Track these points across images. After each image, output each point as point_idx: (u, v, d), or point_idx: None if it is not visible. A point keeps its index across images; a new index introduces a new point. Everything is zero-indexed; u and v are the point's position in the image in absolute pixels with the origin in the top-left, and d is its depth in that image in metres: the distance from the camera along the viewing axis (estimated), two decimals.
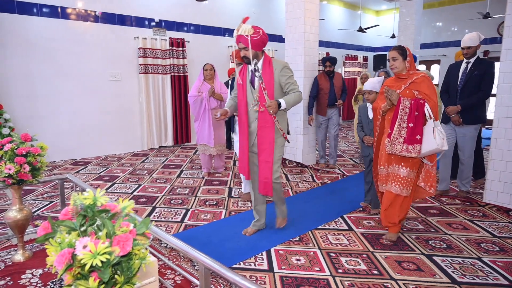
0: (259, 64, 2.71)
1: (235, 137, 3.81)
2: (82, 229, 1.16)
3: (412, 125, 2.62)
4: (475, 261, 2.57)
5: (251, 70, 2.75)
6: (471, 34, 3.62)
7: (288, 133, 2.91)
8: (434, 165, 2.74)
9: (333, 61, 5.12)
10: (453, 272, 2.42)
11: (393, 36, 10.57)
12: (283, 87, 2.73)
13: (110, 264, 1.08)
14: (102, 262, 1.04)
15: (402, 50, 2.73)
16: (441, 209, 3.58)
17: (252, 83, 2.78)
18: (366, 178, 3.57)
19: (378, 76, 5.01)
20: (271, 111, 2.61)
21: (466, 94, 3.66)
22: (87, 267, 1.03)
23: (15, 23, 5.27)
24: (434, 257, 2.62)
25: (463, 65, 3.74)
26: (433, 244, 2.83)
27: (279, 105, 2.61)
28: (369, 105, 3.39)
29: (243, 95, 2.80)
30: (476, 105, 3.65)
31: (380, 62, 11.09)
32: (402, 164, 2.74)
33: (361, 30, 10.12)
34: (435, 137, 2.56)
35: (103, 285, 1.09)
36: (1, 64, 5.19)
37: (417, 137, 2.61)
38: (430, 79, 2.71)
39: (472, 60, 3.67)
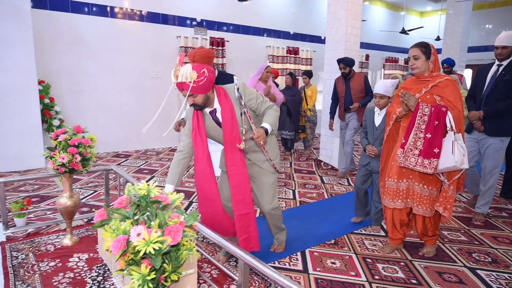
0: (216, 102, 2.26)
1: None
2: (135, 218, 1.23)
3: (430, 136, 2.31)
4: None
5: (209, 112, 2.31)
6: (508, 32, 3.11)
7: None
8: (451, 185, 2.42)
9: (346, 62, 4.62)
10: (498, 287, 2.31)
11: (437, 39, 10.17)
12: (256, 110, 2.33)
13: (161, 252, 1.13)
14: (154, 250, 1.10)
15: (425, 48, 2.41)
16: (486, 221, 3.41)
17: (218, 124, 2.31)
18: (358, 191, 3.22)
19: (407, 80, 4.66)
20: (261, 142, 2.16)
21: (493, 101, 3.16)
22: (140, 253, 1.09)
23: (68, 21, 5.60)
24: (478, 271, 2.50)
25: (493, 68, 3.24)
26: (477, 257, 2.70)
27: (267, 131, 2.21)
28: (376, 110, 3.04)
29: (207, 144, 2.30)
30: (504, 113, 3.14)
31: None
32: (423, 182, 2.48)
33: (404, 31, 9.82)
34: (453, 153, 2.25)
35: (153, 272, 1.14)
36: (54, 59, 5.53)
37: (435, 150, 2.29)
38: (455, 83, 2.39)
39: (504, 63, 3.16)
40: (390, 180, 2.60)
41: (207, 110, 2.30)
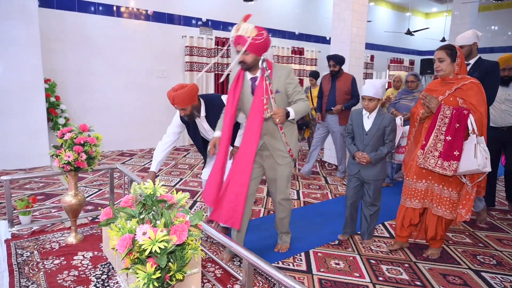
0: (259, 72, 2.29)
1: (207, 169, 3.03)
2: (141, 217, 1.23)
3: (450, 138, 2.31)
4: None
5: (250, 78, 2.34)
6: (465, 32, 3.12)
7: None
8: (474, 187, 2.43)
9: (337, 60, 4.36)
10: None
11: (443, 40, 10.12)
12: (290, 96, 2.33)
13: (167, 251, 1.14)
14: (160, 249, 1.10)
15: (451, 51, 2.40)
16: (491, 224, 3.39)
17: (254, 93, 2.33)
18: (350, 205, 2.91)
19: (408, 81, 4.29)
20: (277, 120, 2.13)
21: None
22: (146, 252, 1.10)
23: (74, 20, 5.63)
24: (483, 273, 2.49)
25: None
26: (482, 260, 2.69)
27: (287, 114, 2.19)
28: (365, 113, 2.72)
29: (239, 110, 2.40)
30: None
31: (427, 67, 10.67)
32: (443, 183, 2.49)
33: (409, 33, 9.79)
34: (476, 156, 2.23)
35: (158, 271, 1.15)
36: (60, 58, 5.56)
37: (454, 152, 2.29)
38: (480, 86, 2.38)
39: (472, 61, 3.11)
40: (409, 179, 2.63)
41: (249, 75, 2.33)
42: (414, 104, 4.04)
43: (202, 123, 2.80)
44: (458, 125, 2.31)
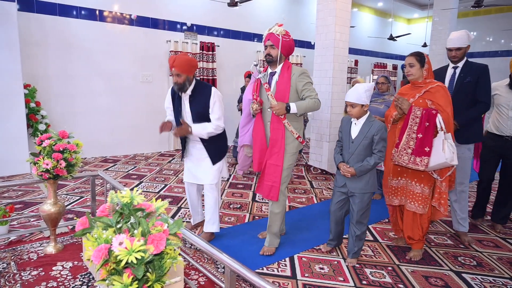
0: (279, 68, 2.69)
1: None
2: (118, 226, 1.20)
3: (421, 136, 2.51)
4: (507, 281, 2.46)
5: (270, 73, 2.74)
6: (459, 33, 2.92)
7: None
8: (443, 181, 2.60)
9: None
10: None
11: (424, 45, 10.33)
12: (299, 93, 2.65)
13: (144, 261, 1.11)
14: (136, 259, 1.08)
15: (420, 57, 2.62)
16: (471, 225, 3.45)
17: (269, 85, 2.72)
18: (334, 218, 2.76)
19: (378, 83, 4.17)
20: (274, 112, 2.59)
21: (459, 104, 2.82)
22: (122, 263, 1.07)
23: (56, 25, 5.53)
24: (463, 274, 2.53)
25: (450, 71, 3.04)
26: (463, 261, 2.73)
27: (288, 108, 2.54)
28: (353, 120, 2.56)
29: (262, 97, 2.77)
30: (476, 120, 2.98)
31: None
32: (415, 180, 2.66)
33: (392, 38, 9.96)
34: (444, 150, 2.42)
35: (136, 282, 1.12)
36: (41, 63, 5.45)
37: (425, 149, 2.48)
38: (446, 89, 2.62)
39: (460, 64, 2.98)
40: (389, 178, 2.81)
41: (269, 70, 2.75)
42: (384, 107, 4.02)
43: (185, 101, 2.83)
44: (428, 124, 2.50)
